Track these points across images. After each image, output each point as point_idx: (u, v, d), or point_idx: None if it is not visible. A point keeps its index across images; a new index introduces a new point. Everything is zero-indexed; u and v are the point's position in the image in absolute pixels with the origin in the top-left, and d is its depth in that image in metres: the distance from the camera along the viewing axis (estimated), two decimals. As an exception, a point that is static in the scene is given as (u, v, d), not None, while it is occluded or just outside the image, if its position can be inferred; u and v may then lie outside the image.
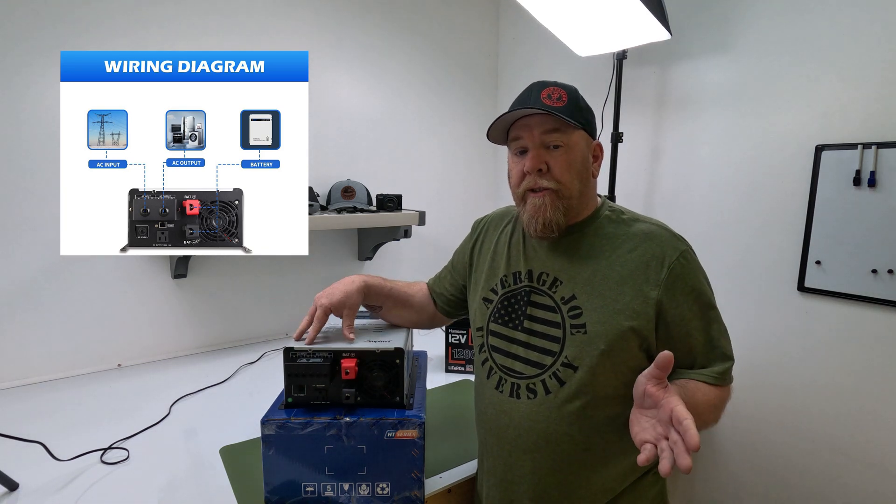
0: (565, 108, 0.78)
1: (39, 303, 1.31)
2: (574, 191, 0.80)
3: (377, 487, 0.82)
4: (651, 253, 0.78)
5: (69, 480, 0.89)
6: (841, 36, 1.21)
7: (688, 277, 0.77)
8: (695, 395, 0.72)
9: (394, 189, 1.77)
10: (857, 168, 1.19)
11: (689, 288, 0.77)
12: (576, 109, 0.79)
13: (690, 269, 0.78)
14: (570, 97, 0.80)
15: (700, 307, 0.77)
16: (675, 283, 0.76)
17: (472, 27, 2.09)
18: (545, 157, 0.80)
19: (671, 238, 0.79)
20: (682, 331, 0.77)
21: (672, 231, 0.81)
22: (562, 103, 0.78)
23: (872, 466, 1.23)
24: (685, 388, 0.73)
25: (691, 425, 0.56)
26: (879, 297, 1.18)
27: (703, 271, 0.80)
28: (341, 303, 0.89)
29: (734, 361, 0.80)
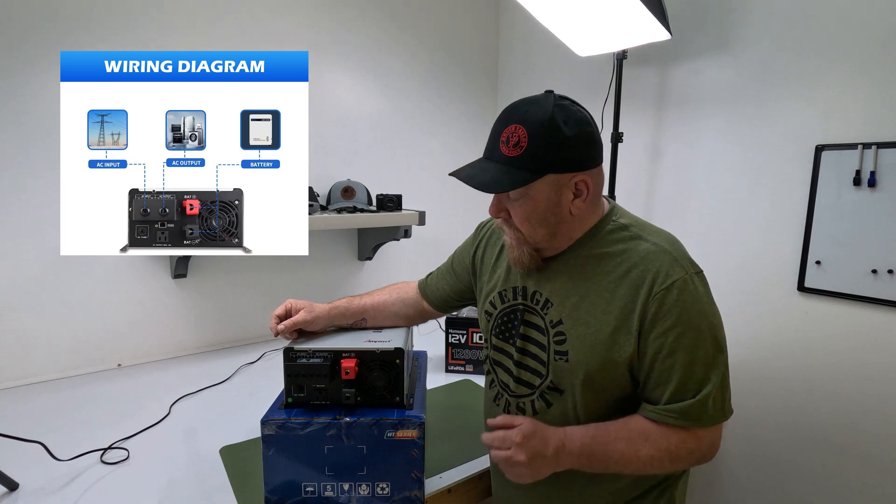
0: (524, 155, 0.69)
1: (39, 303, 1.31)
2: (538, 237, 0.76)
3: (377, 487, 0.82)
4: (643, 278, 0.71)
5: (69, 480, 0.89)
6: (841, 36, 1.21)
7: (675, 310, 0.69)
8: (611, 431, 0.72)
9: (394, 189, 1.77)
10: (857, 168, 1.19)
11: (673, 321, 0.69)
12: (540, 151, 0.69)
13: (681, 300, 0.69)
14: (532, 138, 0.69)
15: (690, 342, 0.69)
16: (658, 315, 0.69)
17: (472, 27, 2.08)
18: (505, 203, 0.76)
19: (670, 262, 0.71)
20: (662, 366, 0.70)
21: (677, 252, 0.73)
22: (519, 150, 0.69)
23: (872, 466, 1.23)
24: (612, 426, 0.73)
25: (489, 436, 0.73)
26: (879, 297, 1.18)
27: (705, 303, 0.71)
28: (307, 304, 0.92)
29: (724, 417, 0.71)
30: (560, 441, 0.71)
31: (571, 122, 0.70)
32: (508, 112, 0.73)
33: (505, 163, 0.71)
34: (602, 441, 0.72)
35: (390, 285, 1.09)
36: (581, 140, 0.71)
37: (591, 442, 0.72)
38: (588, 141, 0.72)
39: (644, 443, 0.71)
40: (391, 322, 1.02)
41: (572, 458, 0.71)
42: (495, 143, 0.72)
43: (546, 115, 0.69)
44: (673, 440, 0.71)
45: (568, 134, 0.69)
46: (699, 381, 0.70)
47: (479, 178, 0.72)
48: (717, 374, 0.70)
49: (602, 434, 0.72)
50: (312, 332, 0.96)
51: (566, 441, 0.72)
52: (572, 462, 0.72)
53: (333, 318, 0.95)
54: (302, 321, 0.90)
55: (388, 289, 1.06)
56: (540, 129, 0.69)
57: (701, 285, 0.72)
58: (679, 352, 0.69)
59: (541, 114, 0.69)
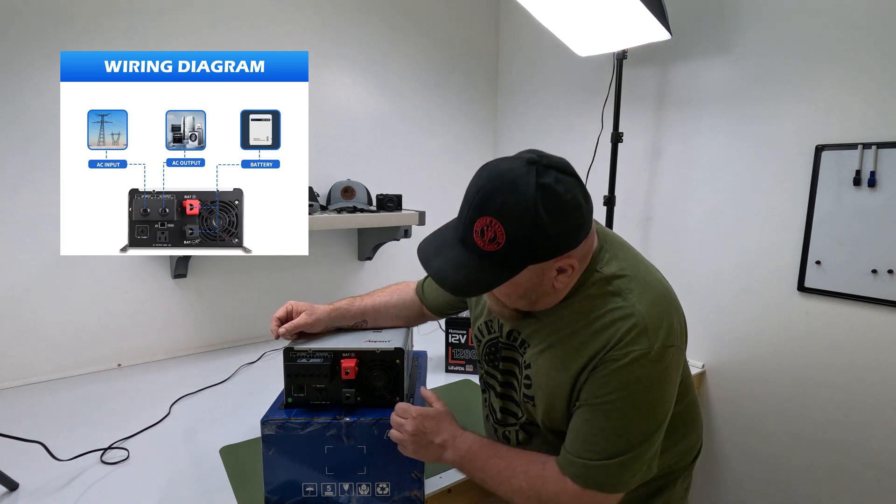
0: (499, 252, 0.61)
1: (39, 303, 1.31)
2: (521, 306, 0.73)
3: (377, 487, 0.82)
4: (606, 342, 0.66)
5: (69, 480, 0.89)
6: (841, 36, 1.21)
7: (619, 380, 0.64)
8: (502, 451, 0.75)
9: (394, 189, 1.77)
10: (857, 168, 1.19)
11: (612, 389, 0.65)
12: (517, 249, 0.61)
13: (631, 374, 0.64)
14: (509, 236, 0.60)
15: (618, 413, 0.65)
16: (601, 375, 0.66)
17: (473, 27, 2.08)
18: None
19: (638, 333, 0.65)
20: (581, 416, 0.68)
21: (652, 320, 0.65)
22: (495, 246, 0.61)
23: (872, 466, 1.23)
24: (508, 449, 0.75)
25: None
26: (879, 297, 1.18)
27: (655, 382, 0.66)
28: (307, 307, 0.91)
29: (613, 490, 0.67)
30: (451, 436, 0.77)
31: (557, 211, 0.60)
32: (483, 196, 0.61)
33: (479, 256, 0.63)
34: (486, 455, 0.74)
35: (391, 286, 1.08)
36: (568, 230, 0.63)
37: (477, 451, 0.75)
38: (576, 226, 0.63)
39: (521, 475, 0.71)
40: (391, 323, 1.02)
41: (455, 458, 0.76)
42: (468, 229, 0.63)
43: (527, 207, 0.59)
44: (550, 485, 0.69)
45: (553, 228, 0.61)
46: (605, 449, 0.66)
47: (451, 277, 0.65)
48: (631, 452, 0.66)
49: (491, 450, 0.75)
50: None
51: (456, 440, 0.77)
52: (454, 461, 0.77)
53: (334, 320, 0.95)
54: (303, 324, 0.90)
55: (389, 290, 1.06)
56: (519, 226, 0.60)
57: (661, 362, 0.65)
58: (601, 415, 0.66)
59: (520, 206, 0.59)
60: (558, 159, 0.64)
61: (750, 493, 1.47)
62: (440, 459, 0.78)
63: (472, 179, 0.66)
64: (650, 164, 1.64)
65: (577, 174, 0.65)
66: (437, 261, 0.67)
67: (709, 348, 1.54)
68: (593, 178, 1.70)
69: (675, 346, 0.67)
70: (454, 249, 0.66)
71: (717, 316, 1.50)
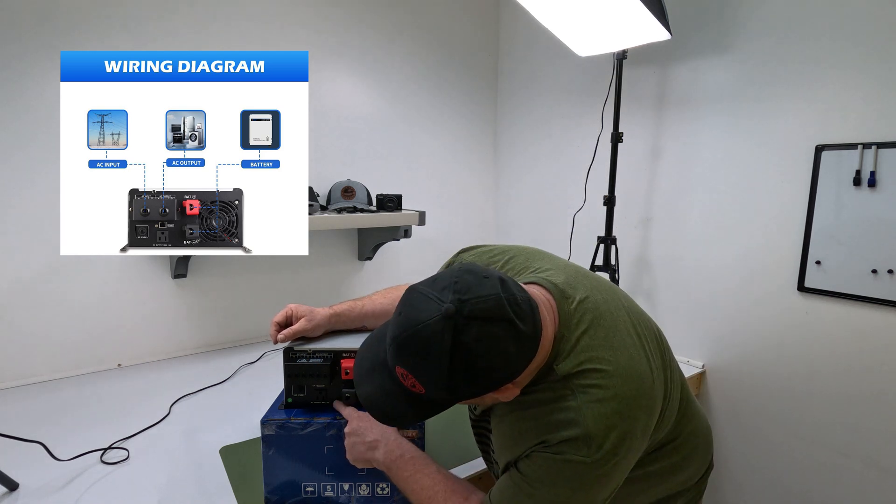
0: (424, 396, 0.60)
1: (39, 303, 1.31)
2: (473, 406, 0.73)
3: (377, 487, 0.82)
4: (545, 438, 0.62)
5: (69, 480, 0.89)
6: (841, 36, 1.21)
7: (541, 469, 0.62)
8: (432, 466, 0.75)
9: (394, 189, 1.77)
10: (857, 168, 1.19)
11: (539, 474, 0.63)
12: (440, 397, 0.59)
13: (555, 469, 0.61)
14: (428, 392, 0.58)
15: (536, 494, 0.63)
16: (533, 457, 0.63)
17: (472, 27, 2.08)
18: None
19: (579, 443, 0.60)
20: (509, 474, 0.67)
21: (601, 435, 0.60)
22: (419, 391, 0.59)
23: (872, 466, 1.23)
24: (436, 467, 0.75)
25: None
26: (879, 297, 1.18)
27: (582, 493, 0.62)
28: (307, 311, 0.90)
29: None
30: (383, 437, 0.77)
31: (476, 370, 0.56)
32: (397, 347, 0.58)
33: (406, 392, 0.61)
34: (415, 468, 0.74)
35: (392, 289, 1.07)
36: (493, 380, 0.58)
37: (408, 461, 0.75)
38: (503, 377, 0.59)
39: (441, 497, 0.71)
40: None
41: (386, 459, 0.76)
42: (393, 366, 0.60)
43: (440, 374, 0.55)
44: None
45: (472, 388, 0.58)
46: None
47: (379, 406, 0.63)
48: None
49: (421, 464, 0.75)
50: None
51: (390, 443, 0.77)
52: (384, 462, 0.76)
53: (333, 325, 0.94)
54: (302, 330, 0.89)
55: (391, 294, 1.04)
56: (434, 387, 0.57)
57: (599, 469, 0.60)
58: (524, 493, 0.64)
59: (433, 372, 0.56)
60: (485, 301, 0.56)
61: (749, 493, 1.47)
62: (370, 460, 0.77)
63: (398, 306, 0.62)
64: (650, 164, 1.64)
65: (507, 317, 0.56)
66: (367, 385, 0.65)
67: (709, 348, 1.54)
68: (593, 178, 1.70)
69: (622, 455, 0.62)
70: (383, 375, 0.63)
71: (717, 316, 1.50)
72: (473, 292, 0.56)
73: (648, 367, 0.68)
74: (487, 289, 0.57)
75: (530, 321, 0.59)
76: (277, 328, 0.91)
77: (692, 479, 0.85)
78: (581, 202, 1.76)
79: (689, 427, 0.81)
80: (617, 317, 0.71)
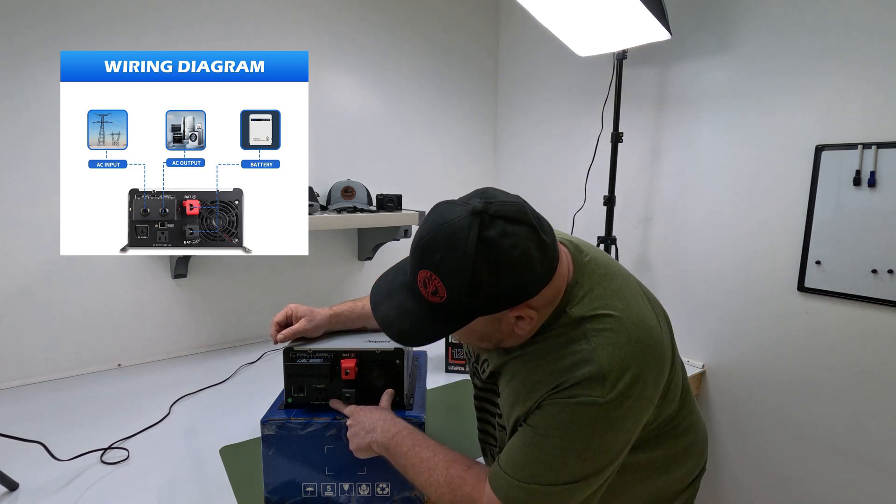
0: (444, 305, 0.60)
1: (39, 303, 1.31)
2: (488, 347, 0.71)
3: (377, 487, 0.82)
4: (558, 382, 0.62)
5: (69, 480, 0.89)
6: (841, 36, 1.21)
7: (556, 417, 0.61)
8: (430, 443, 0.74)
9: (394, 189, 1.77)
10: (857, 168, 1.19)
11: (545, 421, 0.62)
12: (461, 304, 0.59)
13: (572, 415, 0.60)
14: (451, 292, 0.58)
15: (549, 446, 0.62)
16: (541, 409, 0.63)
17: (472, 27, 2.08)
18: None
19: (593, 381, 0.60)
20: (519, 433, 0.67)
21: (614, 370, 0.60)
22: (439, 299, 0.59)
23: (872, 466, 1.23)
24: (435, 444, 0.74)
25: None
26: (879, 297, 1.18)
27: (597, 430, 0.61)
28: (307, 311, 0.91)
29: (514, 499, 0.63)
30: (381, 420, 0.77)
31: (501, 269, 0.57)
32: (424, 245, 0.59)
33: (424, 305, 0.61)
34: (414, 442, 0.74)
35: None
36: (516, 286, 0.59)
37: (406, 436, 0.75)
38: (527, 282, 0.59)
39: (441, 468, 0.70)
40: None
41: (384, 439, 0.75)
42: (413, 277, 0.61)
43: (465, 266, 0.56)
44: (467, 487, 0.68)
45: (496, 287, 0.58)
46: (534, 476, 0.63)
47: (396, 325, 0.64)
48: (559, 486, 0.62)
49: (420, 438, 0.75)
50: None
51: (386, 423, 0.77)
52: (383, 443, 0.75)
53: (333, 326, 0.94)
54: (302, 330, 0.89)
55: None
56: (458, 284, 0.57)
57: (614, 411, 0.60)
58: (537, 445, 0.63)
59: (458, 264, 0.56)
60: (511, 205, 0.59)
61: (749, 493, 1.47)
62: (370, 444, 0.76)
63: (424, 217, 0.63)
64: (650, 164, 1.64)
65: (531, 222, 0.59)
66: (385, 306, 0.66)
67: (709, 348, 1.54)
68: (593, 178, 1.70)
69: (635, 398, 0.61)
70: (402, 294, 0.64)
71: (717, 315, 1.50)
72: (499, 198, 0.60)
73: (658, 325, 0.69)
74: (512, 197, 0.61)
75: (551, 235, 0.62)
76: (277, 328, 0.91)
77: (688, 476, 0.85)
78: (581, 202, 1.76)
79: (690, 418, 0.81)
80: (628, 279, 0.73)
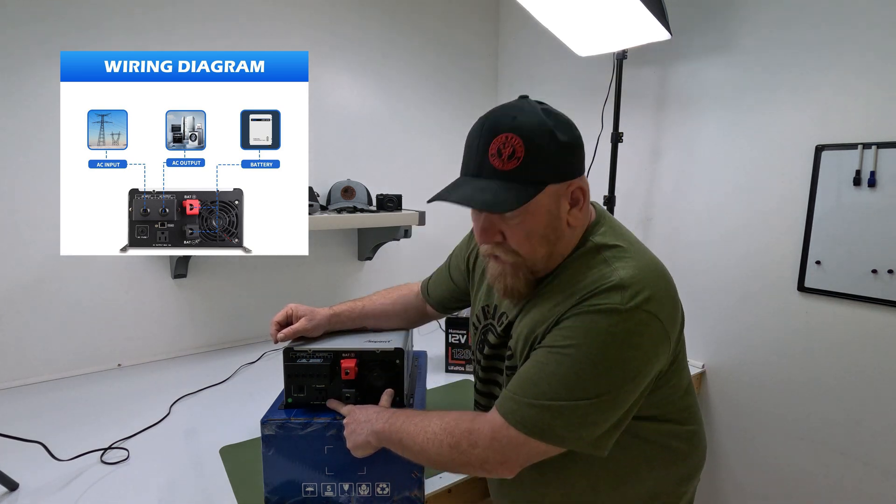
0: (520, 168, 0.63)
1: (39, 303, 1.31)
2: (539, 257, 0.70)
3: (377, 487, 0.82)
4: (580, 298, 0.65)
5: (69, 480, 0.89)
6: (841, 36, 1.21)
7: (579, 329, 0.63)
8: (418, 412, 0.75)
9: (394, 189, 1.77)
10: (857, 168, 1.19)
11: (567, 335, 0.64)
12: (537, 161, 0.64)
13: (592, 324, 0.62)
14: (528, 148, 0.63)
15: (568, 360, 0.63)
16: (561, 325, 0.65)
17: (472, 27, 2.08)
18: (499, 225, 0.69)
19: (612, 290, 0.63)
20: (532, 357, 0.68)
21: (634, 285, 0.63)
22: (515, 162, 0.63)
23: (872, 466, 1.23)
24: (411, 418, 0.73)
25: None
26: (879, 297, 1.18)
27: (618, 340, 0.62)
28: (308, 311, 0.91)
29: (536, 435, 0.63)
30: (376, 412, 0.78)
31: (562, 126, 0.66)
32: (492, 122, 0.66)
33: (500, 178, 0.64)
34: (409, 414, 0.75)
35: (392, 289, 1.08)
36: (574, 145, 0.68)
37: (401, 413, 0.76)
38: (580, 145, 0.69)
39: (436, 420, 0.71)
40: (392, 326, 1.02)
41: (382, 425, 0.75)
42: (482, 157, 0.66)
43: (539, 121, 0.64)
44: (464, 423, 0.68)
45: (563, 140, 0.65)
46: (546, 393, 0.63)
47: (478, 197, 0.65)
48: (572, 402, 0.62)
49: (414, 411, 0.77)
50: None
51: (380, 412, 0.77)
52: (381, 430, 0.74)
53: (334, 325, 0.95)
54: (302, 329, 0.90)
55: (391, 295, 1.05)
56: (536, 136, 0.64)
57: (629, 321, 0.62)
58: (552, 360, 0.64)
59: (533, 120, 0.65)
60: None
61: (749, 493, 1.47)
62: (369, 437, 0.75)
63: (471, 130, 0.69)
64: (650, 164, 1.64)
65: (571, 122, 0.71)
66: (457, 192, 0.67)
67: (709, 348, 1.54)
68: (593, 178, 1.69)
69: (651, 314, 0.63)
70: (471, 182, 0.67)
71: (718, 316, 1.50)
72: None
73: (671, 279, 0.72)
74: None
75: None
76: (278, 327, 0.91)
77: (694, 473, 0.83)
78: (581, 202, 1.76)
79: (691, 398, 0.81)
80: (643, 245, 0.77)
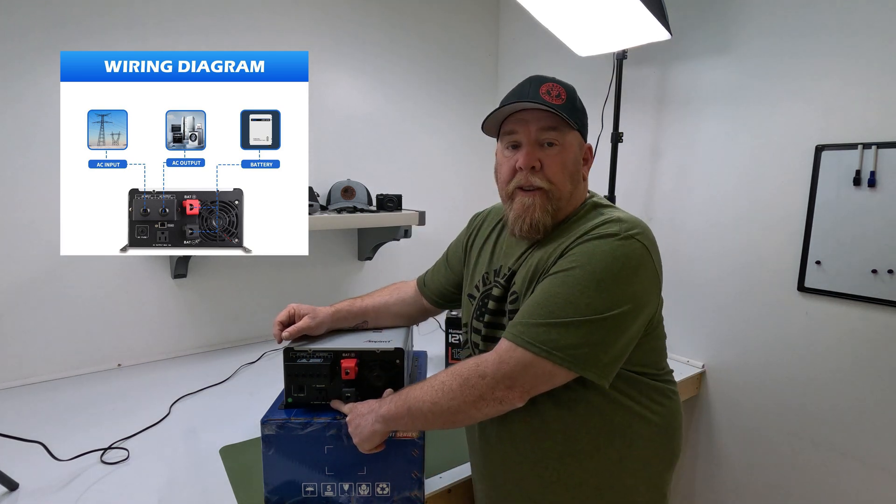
0: (564, 107, 0.76)
1: (39, 303, 1.31)
2: (565, 192, 0.79)
3: (377, 487, 0.82)
4: (580, 235, 0.73)
5: (69, 480, 0.89)
6: (841, 36, 1.21)
7: (583, 251, 0.71)
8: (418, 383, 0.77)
9: (394, 189, 1.77)
10: (857, 168, 1.19)
11: (572, 259, 0.71)
12: (573, 109, 0.78)
13: (594, 246, 0.70)
14: (569, 96, 0.78)
15: (573, 279, 0.69)
16: (566, 253, 0.73)
17: (472, 27, 2.08)
18: (539, 154, 0.78)
19: (611, 223, 0.72)
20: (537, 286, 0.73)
21: (628, 221, 0.73)
22: (561, 101, 0.77)
23: (872, 466, 1.23)
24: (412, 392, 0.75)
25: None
26: (879, 297, 1.18)
27: (619, 259, 0.69)
28: (310, 309, 0.92)
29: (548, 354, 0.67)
30: (376, 402, 0.78)
31: (580, 101, 0.82)
32: (538, 76, 0.80)
33: (551, 107, 0.75)
34: (413, 386, 0.76)
35: (390, 286, 1.09)
36: (587, 116, 0.84)
37: (403, 389, 0.78)
38: (588, 123, 0.85)
39: (441, 374, 0.74)
40: (392, 322, 1.02)
41: (387, 409, 0.75)
42: (535, 92, 0.77)
43: (570, 87, 0.80)
44: (470, 361, 0.72)
45: (582, 106, 0.82)
46: (551, 312, 0.68)
47: (547, 103, 0.76)
48: (576, 318, 0.67)
49: (413, 385, 0.77)
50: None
51: (382, 400, 0.78)
52: (386, 413, 0.75)
53: (336, 323, 0.95)
54: (305, 328, 0.90)
55: (388, 289, 1.07)
56: (572, 92, 0.80)
57: (626, 246, 0.70)
58: (557, 282, 0.70)
59: (566, 84, 0.80)
60: None
61: (750, 493, 1.47)
62: (374, 425, 0.75)
63: (517, 85, 0.81)
64: (650, 164, 1.64)
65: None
66: (518, 105, 0.77)
67: (709, 348, 1.54)
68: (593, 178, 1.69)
69: (645, 248, 0.71)
70: (526, 103, 0.77)
71: (718, 316, 1.50)
72: None
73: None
74: None
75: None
76: (281, 327, 0.91)
77: (674, 456, 0.84)
78: (581, 202, 1.76)
79: (673, 384, 0.86)
80: None
